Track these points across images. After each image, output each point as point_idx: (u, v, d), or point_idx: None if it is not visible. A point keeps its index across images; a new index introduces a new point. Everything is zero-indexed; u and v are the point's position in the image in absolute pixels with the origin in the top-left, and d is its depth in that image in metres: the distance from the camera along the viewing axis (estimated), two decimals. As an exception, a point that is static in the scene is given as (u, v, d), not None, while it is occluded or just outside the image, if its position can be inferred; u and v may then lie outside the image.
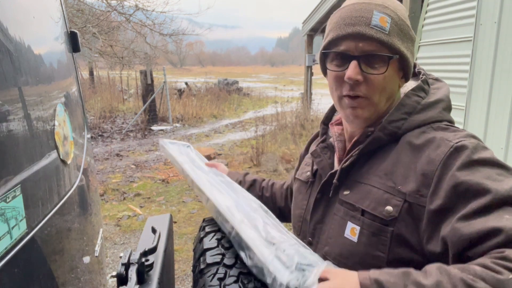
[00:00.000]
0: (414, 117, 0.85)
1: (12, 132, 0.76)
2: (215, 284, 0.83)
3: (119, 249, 3.67)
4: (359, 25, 0.80)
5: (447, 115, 0.89)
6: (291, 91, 23.44)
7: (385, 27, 0.79)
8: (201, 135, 9.68)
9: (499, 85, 2.81)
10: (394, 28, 0.81)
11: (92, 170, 1.73)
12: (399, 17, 0.82)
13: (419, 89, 0.88)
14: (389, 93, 0.86)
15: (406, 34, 0.84)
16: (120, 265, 0.81)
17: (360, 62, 0.81)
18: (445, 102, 0.89)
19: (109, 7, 8.06)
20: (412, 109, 0.85)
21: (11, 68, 0.80)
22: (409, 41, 0.85)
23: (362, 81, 0.82)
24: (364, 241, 0.81)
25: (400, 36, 0.82)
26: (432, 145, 0.78)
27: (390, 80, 0.84)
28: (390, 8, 0.82)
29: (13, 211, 0.73)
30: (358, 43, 0.81)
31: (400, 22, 0.82)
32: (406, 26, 0.84)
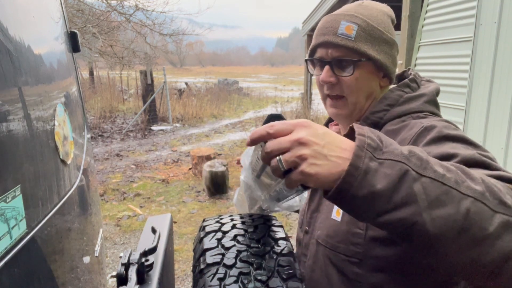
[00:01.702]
0: (395, 108, 0.92)
1: (12, 132, 0.76)
2: (215, 284, 0.83)
3: (119, 249, 3.67)
4: (328, 34, 0.92)
5: (429, 107, 0.93)
6: (291, 91, 23.44)
7: (350, 34, 0.89)
8: (201, 135, 9.68)
9: (499, 85, 2.81)
10: (361, 35, 0.90)
11: (92, 170, 1.73)
12: (368, 24, 0.91)
13: (404, 85, 0.95)
14: (366, 92, 0.95)
15: (377, 38, 0.91)
16: (120, 265, 0.81)
17: (332, 66, 0.92)
18: (428, 96, 0.94)
19: (109, 7, 8.06)
20: (394, 101, 0.93)
21: (11, 68, 0.80)
22: (382, 43, 0.92)
23: (336, 83, 0.93)
24: (346, 220, 0.88)
25: (368, 40, 0.90)
26: (406, 128, 0.85)
27: (365, 81, 0.93)
28: (360, 17, 0.91)
29: (13, 211, 0.73)
30: (328, 50, 0.92)
31: (369, 28, 0.90)
32: (377, 31, 0.91)
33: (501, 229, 0.52)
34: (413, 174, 0.52)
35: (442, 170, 0.54)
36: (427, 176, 0.52)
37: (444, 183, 0.52)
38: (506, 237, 0.52)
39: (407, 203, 0.51)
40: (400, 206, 0.51)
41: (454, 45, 3.33)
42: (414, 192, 0.51)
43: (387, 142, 0.55)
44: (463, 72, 3.18)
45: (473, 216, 0.51)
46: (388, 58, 0.94)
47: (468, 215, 0.51)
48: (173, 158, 7.12)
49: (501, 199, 0.54)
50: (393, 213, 0.52)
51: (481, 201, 0.52)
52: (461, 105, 3.21)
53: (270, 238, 0.99)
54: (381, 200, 0.52)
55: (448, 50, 3.41)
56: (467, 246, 0.52)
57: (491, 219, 0.52)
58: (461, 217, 0.51)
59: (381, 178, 0.52)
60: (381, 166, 0.52)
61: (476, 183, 0.54)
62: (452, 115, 3.29)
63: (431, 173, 0.53)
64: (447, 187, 0.52)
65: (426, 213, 0.51)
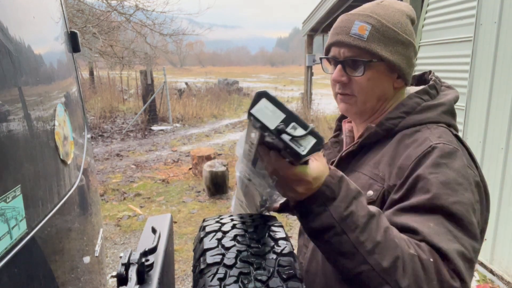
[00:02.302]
0: (412, 116, 0.92)
1: (12, 132, 0.76)
2: (215, 284, 0.83)
3: (119, 249, 3.67)
4: (341, 34, 0.92)
5: (446, 118, 0.93)
6: (291, 91, 23.43)
7: (363, 34, 0.89)
8: (201, 135, 9.68)
9: (499, 85, 2.81)
10: (374, 35, 0.89)
11: (92, 170, 1.73)
12: (382, 24, 0.90)
13: (423, 92, 0.95)
14: (378, 93, 0.95)
15: (391, 38, 0.90)
16: (120, 265, 0.81)
17: (344, 65, 0.94)
18: (446, 106, 0.93)
19: (109, 7, 8.06)
20: (411, 109, 0.92)
21: (11, 68, 0.80)
22: (397, 44, 0.91)
23: (348, 82, 0.94)
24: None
25: (382, 41, 0.90)
26: (416, 143, 0.86)
27: (377, 81, 0.93)
28: (374, 17, 0.90)
29: (13, 211, 0.73)
30: (341, 49, 0.93)
31: (383, 29, 0.90)
32: (392, 31, 0.90)
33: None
34: (338, 230, 0.70)
35: (365, 238, 0.69)
36: (348, 236, 0.69)
37: (358, 248, 0.69)
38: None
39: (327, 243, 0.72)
40: (322, 242, 0.74)
41: (454, 45, 3.33)
42: (332, 241, 0.71)
43: (342, 197, 0.71)
44: (463, 72, 3.18)
45: (363, 278, 0.69)
46: (402, 59, 0.92)
47: (360, 275, 0.70)
48: (173, 158, 7.12)
49: (397, 280, 0.67)
50: (318, 240, 0.75)
51: (377, 272, 0.68)
52: (461, 105, 3.21)
53: (270, 238, 0.99)
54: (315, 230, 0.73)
55: (448, 50, 3.41)
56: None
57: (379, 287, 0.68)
58: (353, 273, 0.71)
59: (316, 221, 0.72)
60: (322, 213, 0.71)
61: (386, 259, 0.68)
62: (452, 115, 3.29)
63: (353, 237, 0.69)
64: (357, 251, 0.69)
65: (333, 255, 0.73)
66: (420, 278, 0.67)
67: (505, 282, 2.76)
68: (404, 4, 0.97)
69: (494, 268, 2.87)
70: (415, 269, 0.67)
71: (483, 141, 2.98)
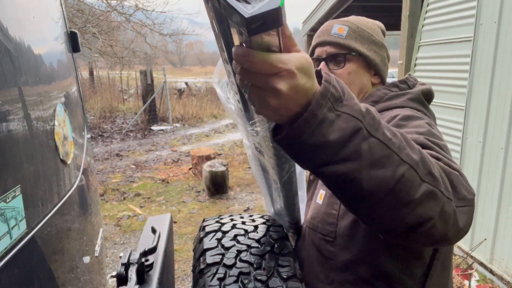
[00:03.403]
0: (379, 104, 1.00)
1: (12, 132, 0.76)
2: (215, 284, 0.83)
3: (119, 249, 3.67)
4: (323, 35, 1.05)
5: (412, 104, 0.97)
6: (291, 91, 23.41)
7: (342, 33, 1.02)
8: (201, 135, 9.68)
9: (499, 85, 2.81)
10: (351, 34, 1.02)
11: (92, 170, 1.73)
12: (358, 27, 1.03)
13: (392, 85, 1.03)
14: (358, 86, 1.03)
15: (366, 38, 1.02)
16: (120, 265, 0.82)
17: (327, 62, 1.03)
18: (412, 94, 0.99)
19: (109, 7, 8.06)
20: (379, 98, 1.01)
21: (11, 68, 0.80)
22: (371, 43, 1.03)
23: None
24: (325, 202, 0.99)
25: (358, 39, 1.02)
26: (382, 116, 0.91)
27: (356, 75, 1.02)
28: (351, 22, 1.04)
29: (13, 211, 0.73)
30: (323, 48, 1.04)
31: (359, 30, 1.03)
32: (367, 33, 1.03)
33: (424, 197, 0.57)
34: (365, 133, 0.54)
35: (389, 134, 0.57)
36: (375, 137, 0.55)
37: (389, 146, 0.56)
38: (427, 204, 0.57)
39: (352, 159, 0.53)
40: (345, 160, 0.53)
41: (454, 45, 3.33)
42: (361, 150, 0.53)
43: (349, 95, 0.56)
44: (463, 72, 3.18)
45: (405, 182, 0.56)
46: (377, 56, 1.04)
47: (401, 180, 0.55)
48: (173, 158, 7.12)
49: (431, 170, 0.59)
50: (336, 166, 0.54)
51: (414, 170, 0.57)
52: (461, 105, 3.21)
53: (270, 238, 0.99)
54: (328, 151, 0.53)
55: (448, 50, 3.41)
56: (392, 206, 0.56)
57: (419, 187, 0.57)
58: (394, 181, 0.55)
59: (334, 131, 0.53)
60: (338, 118, 0.53)
61: (414, 152, 0.58)
62: (452, 115, 3.29)
63: (380, 135, 0.55)
64: (390, 151, 0.55)
65: (365, 171, 0.54)
66: (438, 166, 0.62)
67: (505, 282, 2.76)
68: (375, 21, 1.12)
69: (494, 268, 2.87)
70: (432, 158, 0.63)
71: (483, 141, 2.98)
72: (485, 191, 2.97)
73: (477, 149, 3.05)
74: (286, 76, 0.49)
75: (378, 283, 0.89)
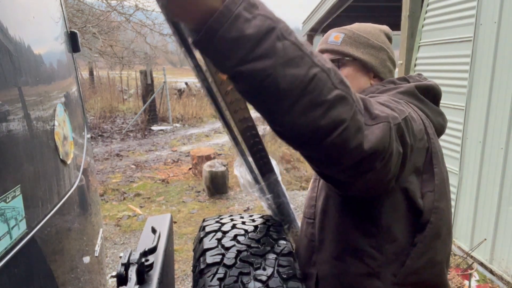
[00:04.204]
0: None
1: (12, 132, 0.76)
2: (215, 284, 0.83)
3: (119, 249, 3.67)
4: (322, 44, 1.10)
5: (402, 97, 0.96)
6: (291, 91, 23.41)
7: (337, 41, 1.06)
8: (201, 135, 9.68)
9: (499, 85, 2.81)
10: (346, 40, 1.05)
11: (92, 170, 1.73)
12: (354, 33, 1.06)
13: (388, 82, 1.04)
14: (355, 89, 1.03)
15: (362, 43, 1.05)
16: (120, 265, 0.82)
17: None
18: (404, 88, 0.99)
19: (109, 7, 8.06)
20: (370, 93, 1.00)
21: (11, 68, 0.80)
22: (368, 47, 1.05)
23: None
24: (311, 188, 1.07)
25: (354, 45, 1.04)
26: None
27: (353, 78, 1.03)
28: (348, 29, 1.07)
29: (13, 211, 0.73)
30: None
31: (355, 36, 1.05)
32: (363, 37, 1.05)
33: (337, 101, 0.61)
34: (279, 34, 0.58)
35: (302, 41, 0.61)
36: (289, 40, 0.59)
37: (302, 49, 0.60)
38: (339, 107, 0.62)
39: (267, 55, 0.57)
40: (261, 57, 0.56)
41: (454, 45, 3.33)
42: (276, 48, 0.57)
43: (262, 6, 0.59)
44: (463, 72, 3.18)
45: (317, 82, 0.60)
46: (375, 59, 1.05)
47: (314, 79, 0.59)
48: (173, 158, 7.12)
49: (342, 80, 0.64)
50: (253, 63, 0.57)
51: (326, 74, 0.61)
52: (461, 105, 3.21)
53: (270, 238, 0.99)
54: (245, 46, 0.56)
55: (448, 50, 3.41)
56: (306, 107, 0.60)
57: (331, 90, 0.61)
58: (307, 80, 0.59)
59: (251, 27, 0.56)
60: (253, 18, 0.56)
61: (326, 63, 0.63)
62: (452, 115, 3.29)
63: (293, 39, 0.59)
64: (303, 53, 0.60)
65: (280, 68, 0.57)
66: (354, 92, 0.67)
67: (504, 282, 2.76)
68: (383, 26, 1.13)
69: (494, 268, 2.87)
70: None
71: (483, 141, 2.98)
72: (485, 191, 2.97)
73: (477, 149, 3.05)
74: None
75: (351, 259, 0.91)
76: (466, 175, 3.19)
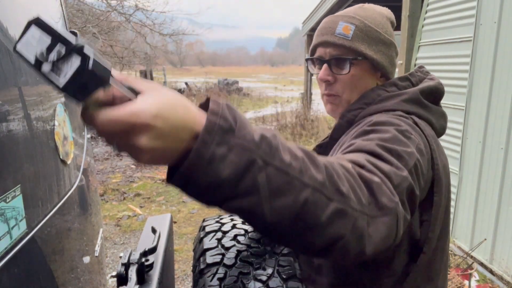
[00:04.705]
0: (371, 107, 0.92)
1: (12, 132, 0.76)
2: (215, 284, 0.83)
3: (119, 249, 3.67)
4: (326, 34, 0.95)
5: (406, 106, 0.89)
6: (291, 91, 23.45)
7: (347, 34, 0.93)
8: (201, 135, 9.68)
9: (499, 85, 2.81)
10: (358, 34, 0.93)
11: (92, 170, 1.73)
12: (365, 25, 0.93)
13: (390, 84, 0.95)
14: (361, 90, 0.96)
15: (374, 38, 0.94)
16: (120, 265, 0.82)
17: (330, 65, 0.95)
18: (407, 95, 0.91)
19: (109, 7, 8.06)
20: (371, 100, 0.93)
21: (11, 68, 0.80)
22: (379, 44, 0.95)
23: (333, 81, 0.96)
24: None
25: (365, 40, 0.93)
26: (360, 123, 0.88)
27: (360, 79, 0.95)
28: (358, 18, 0.94)
29: (13, 211, 0.73)
30: (326, 49, 0.96)
31: (367, 29, 0.93)
32: (374, 31, 0.94)
33: (333, 217, 0.54)
34: (260, 164, 0.50)
35: (289, 158, 0.53)
36: (273, 165, 0.51)
37: (288, 172, 0.51)
38: (336, 224, 0.54)
39: (250, 193, 0.50)
40: (242, 195, 0.50)
41: (454, 45, 3.33)
42: (258, 183, 0.49)
43: (241, 125, 0.51)
44: (463, 72, 3.18)
45: (309, 206, 0.52)
46: (385, 58, 0.96)
47: (305, 205, 0.52)
48: (173, 158, 7.12)
49: (339, 187, 0.55)
50: (236, 201, 0.50)
51: (319, 191, 0.53)
52: (461, 105, 3.21)
53: (270, 238, 0.99)
54: (224, 188, 0.49)
55: (448, 50, 3.41)
56: (300, 232, 0.53)
57: (326, 208, 0.53)
58: (298, 207, 0.52)
59: (227, 167, 0.48)
60: (230, 152, 0.48)
61: (319, 171, 0.55)
62: (452, 115, 3.29)
63: (277, 162, 0.51)
64: (290, 177, 0.51)
65: (266, 203, 0.50)
66: (353, 178, 0.59)
67: (504, 282, 2.76)
68: (383, 8, 1.02)
69: (494, 268, 2.87)
70: (346, 171, 0.59)
71: (483, 141, 2.98)
72: (485, 191, 2.97)
73: (477, 149, 3.05)
74: (143, 130, 0.44)
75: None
76: (466, 175, 3.19)
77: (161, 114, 0.45)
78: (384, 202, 0.60)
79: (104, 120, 0.43)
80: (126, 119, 0.43)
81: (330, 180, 0.55)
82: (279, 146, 0.52)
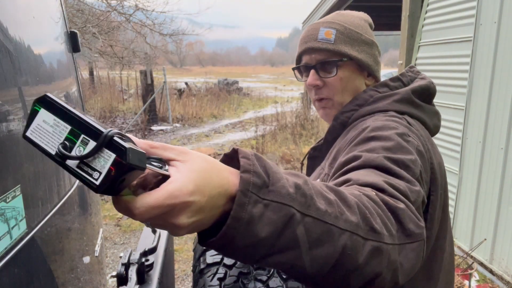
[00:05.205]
0: (363, 108, 0.93)
1: (12, 132, 0.76)
2: (215, 284, 0.83)
3: (119, 249, 3.67)
4: (309, 41, 0.98)
5: (397, 106, 0.90)
6: (291, 91, 23.45)
7: (330, 38, 0.95)
8: (201, 135, 9.68)
9: (499, 85, 2.81)
10: (340, 37, 0.95)
11: (92, 170, 1.72)
12: (346, 28, 0.97)
13: (381, 85, 0.96)
14: (351, 91, 0.98)
15: (356, 39, 0.97)
16: (120, 265, 0.82)
17: (317, 69, 0.97)
18: (400, 95, 0.92)
19: (109, 7, 8.06)
20: (364, 101, 0.94)
21: (11, 68, 0.80)
22: (362, 44, 0.97)
23: (322, 85, 0.98)
24: None
25: (348, 42, 0.96)
26: (355, 128, 0.88)
27: (349, 80, 0.97)
28: (337, 22, 0.97)
29: (13, 211, 0.73)
30: (311, 55, 0.98)
31: (347, 31, 0.96)
32: (355, 33, 0.97)
33: (370, 256, 0.53)
34: (297, 217, 0.48)
35: (324, 204, 0.52)
36: (310, 216, 0.50)
37: (326, 221, 0.50)
38: (373, 262, 0.53)
39: (289, 248, 0.49)
40: (282, 251, 0.49)
41: (454, 45, 3.33)
42: (297, 237, 0.49)
43: (274, 177, 0.49)
44: (463, 72, 3.18)
45: (348, 251, 0.51)
46: (369, 57, 0.98)
47: (344, 250, 0.51)
48: (173, 158, 7.11)
49: (372, 225, 0.54)
50: (275, 257, 0.49)
51: (356, 233, 0.52)
52: (461, 105, 3.21)
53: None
54: (263, 247, 0.48)
55: (448, 50, 3.41)
56: (340, 277, 0.52)
57: (362, 249, 0.52)
58: (338, 254, 0.51)
59: (265, 225, 0.47)
60: (266, 209, 0.47)
61: (353, 213, 0.54)
62: (452, 115, 3.29)
63: (314, 212, 0.50)
64: (328, 225, 0.50)
65: (306, 256, 0.49)
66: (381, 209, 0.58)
67: (504, 282, 2.76)
68: (360, 12, 1.06)
69: (494, 268, 2.87)
70: (373, 202, 0.58)
71: (483, 141, 2.98)
72: (485, 191, 2.97)
73: (477, 149, 3.05)
74: (183, 209, 0.43)
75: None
76: (466, 175, 3.19)
77: (198, 188, 0.44)
78: (411, 229, 0.59)
79: (141, 209, 0.41)
80: (164, 203, 0.42)
81: (364, 219, 0.54)
82: (312, 193, 0.51)
